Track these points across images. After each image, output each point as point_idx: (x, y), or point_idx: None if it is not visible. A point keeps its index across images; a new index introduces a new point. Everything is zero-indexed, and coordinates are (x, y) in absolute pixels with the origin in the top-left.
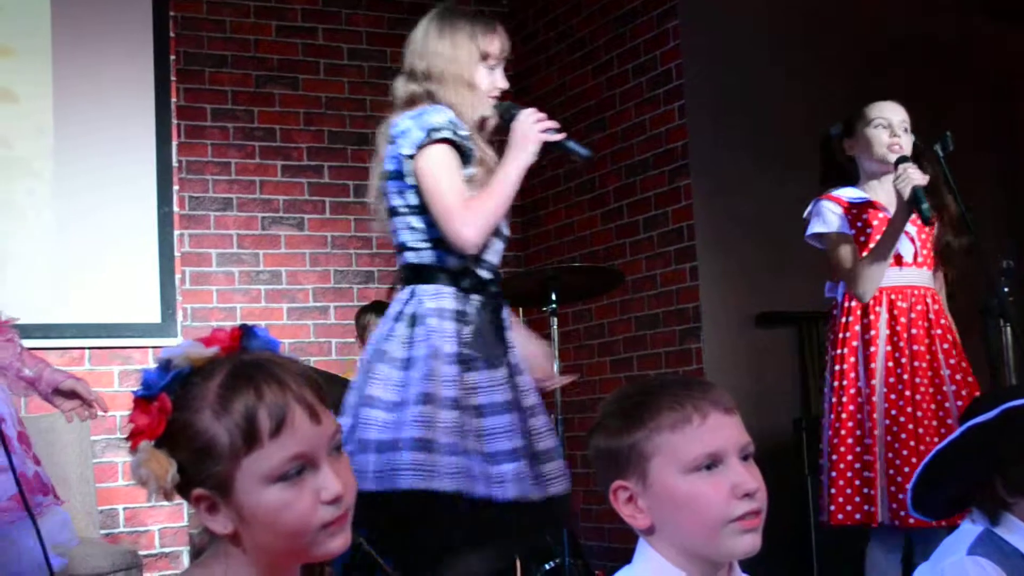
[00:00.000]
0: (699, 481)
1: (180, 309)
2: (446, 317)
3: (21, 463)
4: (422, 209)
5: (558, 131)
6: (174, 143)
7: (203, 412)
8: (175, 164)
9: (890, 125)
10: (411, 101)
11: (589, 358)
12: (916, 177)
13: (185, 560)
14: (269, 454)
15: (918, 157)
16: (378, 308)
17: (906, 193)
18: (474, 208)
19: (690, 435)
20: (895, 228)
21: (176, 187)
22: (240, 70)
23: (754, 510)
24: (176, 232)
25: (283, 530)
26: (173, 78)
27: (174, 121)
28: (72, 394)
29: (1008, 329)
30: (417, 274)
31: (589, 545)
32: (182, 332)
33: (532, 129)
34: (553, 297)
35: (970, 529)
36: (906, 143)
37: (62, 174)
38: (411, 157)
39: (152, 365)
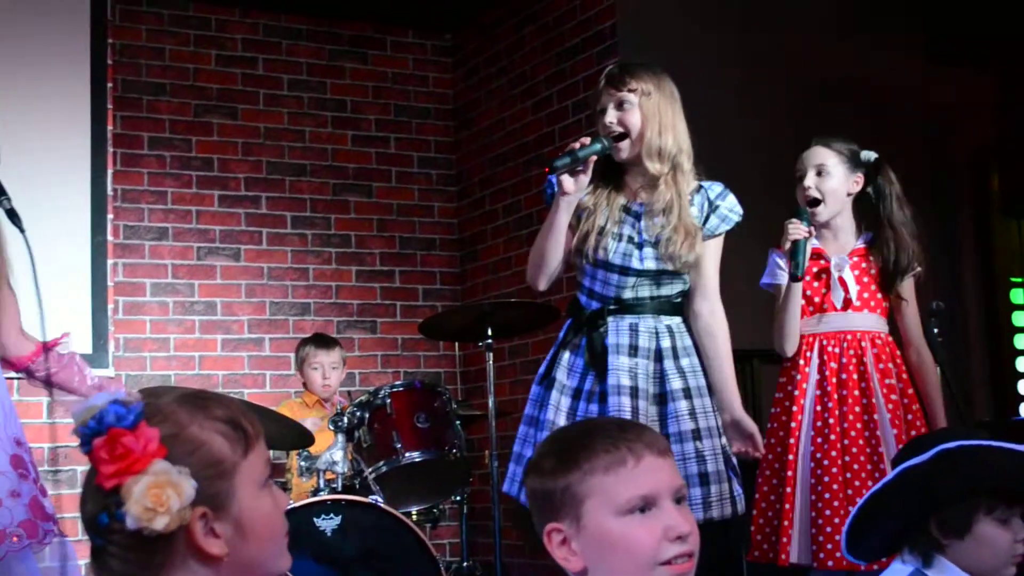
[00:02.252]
0: (632, 523)
1: (112, 339)
2: (555, 344)
3: (32, 489)
4: None
5: (567, 152)
6: (109, 171)
7: (192, 427)
8: (110, 193)
9: (803, 175)
10: None
11: (525, 393)
12: (795, 233)
13: None
14: (258, 457)
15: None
16: (317, 340)
17: (786, 246)
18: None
19: (624, 477)
20: (798, 286)
21: (111, 216)
22: (178, 99)
23: (685, 552)
24: (110, 261)
25: (274, 535)
26: (110, 106)
27: (110, 149)
28: None
29: (938, 371)
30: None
31: None
32: (114, 363)
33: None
34: (489, 332)
35: (900, 569)
36: (823, 186)
37: None
38: None
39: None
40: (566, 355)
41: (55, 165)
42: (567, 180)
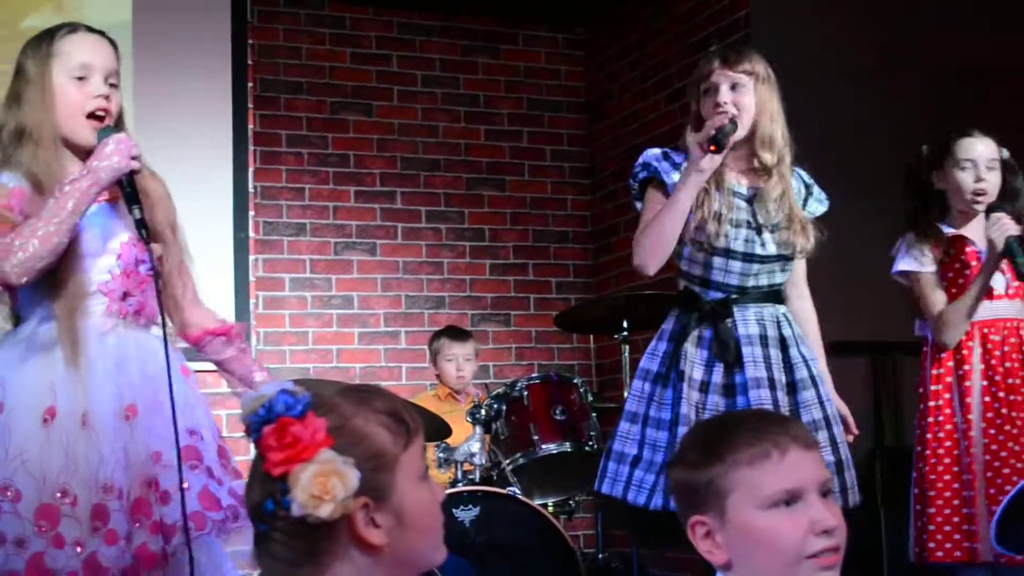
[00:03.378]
0: (777, 517)
1: (254, 333)
2: (661, 337)
3: (219, 476)
4: None
5: (718, 131)
6: (250, 169)
7: (356, 419)
8: (251, 190)
9: (976, 166)
10: None
11: None
12: (1010, 227)
13: None
14: (417, 450)
15: (1014, 191)
16: (451, 333)
17: (1000, 244)
18: (637, 236)
19: (769, 471)
20: (985, 279)
21: (251, 212)
22: (315, 97)
23: (832, 547)
24: (251, 257)
25: (432, 527)
26: (250, 105)
27: (250, 147)
28: None
29: None
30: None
31: (659, 574)
32: (256, 356)
33: (694, 148)
34: (624, 325)
35: None
36: (993, 182)
37: None
38: (636, 199)
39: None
40: (691, 349)
41: (198, 163)
42: (707, 158)
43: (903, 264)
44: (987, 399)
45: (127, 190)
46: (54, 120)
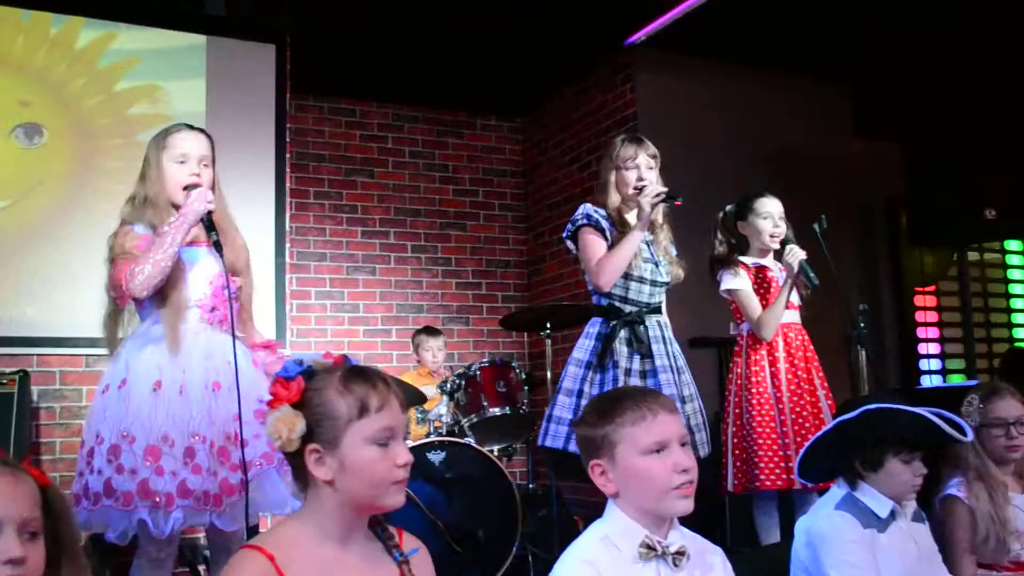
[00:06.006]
0: (651, 461)
1: (289, 330)
2: (589, 337)
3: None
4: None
5: (665, 195)
6: (287, 214)
7: (328, 390)
8: (287, 229)
9: (772, 216)
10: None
11: None
12: (800, 253)
13: None
14: (372, 423)
15: (791, 238)
16: (428, 331)
17: (795, 266)
18: (601, 263)
19: (645, 428)
20: (787, 291)
21: (288, 245)
22: (334, 164)
23: (688, 481)
24: (287, 276)
25: (371, 479)
26: (288, 169)
27: (287, 199)
28: None
29: (863, 353)
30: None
31: (571, 499)
32: (290, 347)
33: (645, 204)
34: (548, 326)
35: (836, 492)
36: (783, 229)
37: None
38: (567, 239)
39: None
40: (619, 346)
41: (250, 210)
42: (658, 210)
43: (727, 284)
44: (790, 376)
45: (207, 222)
46: (166, 191)
